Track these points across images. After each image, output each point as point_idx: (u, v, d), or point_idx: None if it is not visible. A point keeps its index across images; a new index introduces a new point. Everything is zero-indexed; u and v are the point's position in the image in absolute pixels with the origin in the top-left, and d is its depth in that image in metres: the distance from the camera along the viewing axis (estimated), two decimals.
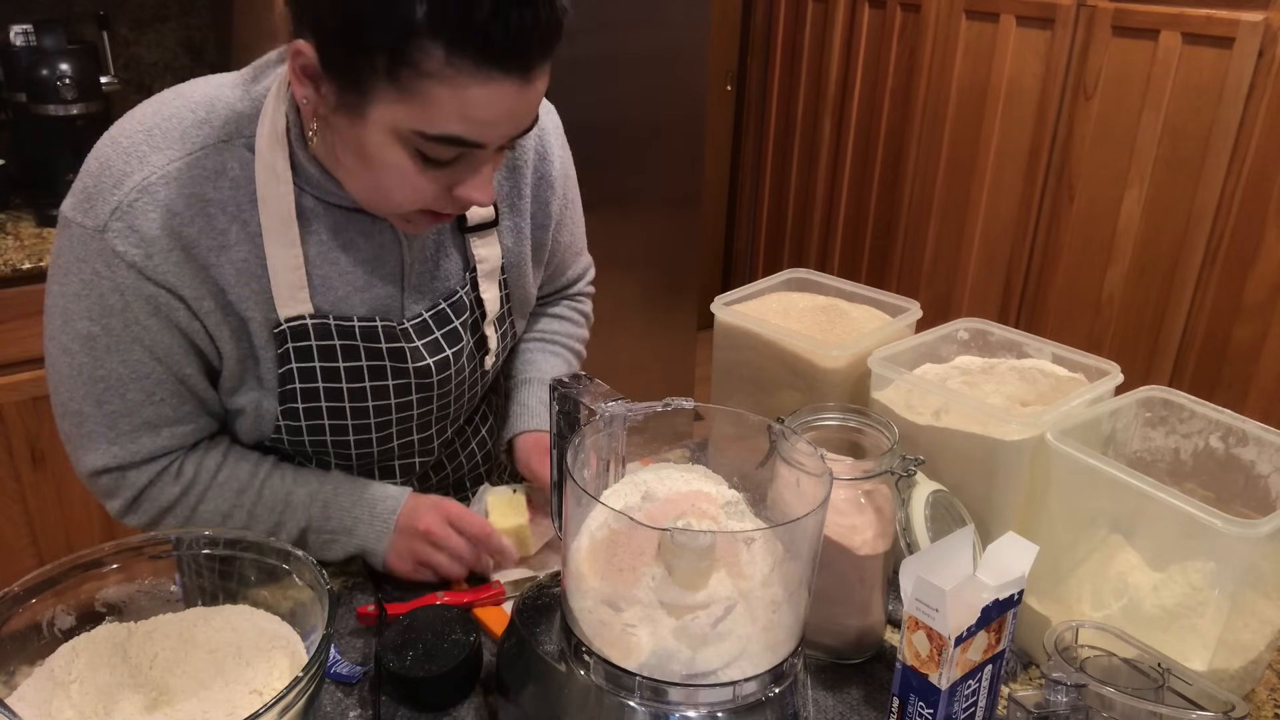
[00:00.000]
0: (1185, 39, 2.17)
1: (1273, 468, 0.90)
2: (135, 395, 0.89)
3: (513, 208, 1.04)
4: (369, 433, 0.99)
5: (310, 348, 0.92)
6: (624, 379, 2.79)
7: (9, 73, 2.02)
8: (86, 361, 0.88)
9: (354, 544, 0.99)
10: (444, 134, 0.76)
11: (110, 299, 0.85)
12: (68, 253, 0.86)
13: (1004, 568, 0.72)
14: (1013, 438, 0.92)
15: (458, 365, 1.01)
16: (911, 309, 1.15)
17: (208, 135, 0.86)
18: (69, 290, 0.86)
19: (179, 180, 0.85)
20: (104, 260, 0.84)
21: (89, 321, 0.86)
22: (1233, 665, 0.84)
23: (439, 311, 0.99)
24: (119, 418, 0.90)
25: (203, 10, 2.39)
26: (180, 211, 0.85)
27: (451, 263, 1.00)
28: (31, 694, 0.74)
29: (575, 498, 0.73)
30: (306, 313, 0.91)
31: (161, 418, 0.91)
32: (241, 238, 0.87)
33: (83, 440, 0.91)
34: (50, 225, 1.99)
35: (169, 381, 0.90)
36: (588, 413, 0.80)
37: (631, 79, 2.59)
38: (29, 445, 1.91)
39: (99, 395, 0.89)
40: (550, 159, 1.07)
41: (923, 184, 2.88)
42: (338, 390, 0.95)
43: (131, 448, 0.91)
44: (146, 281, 0.85)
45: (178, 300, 0.87)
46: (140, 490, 0.93)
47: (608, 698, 0.70)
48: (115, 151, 0.85)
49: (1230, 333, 2.22)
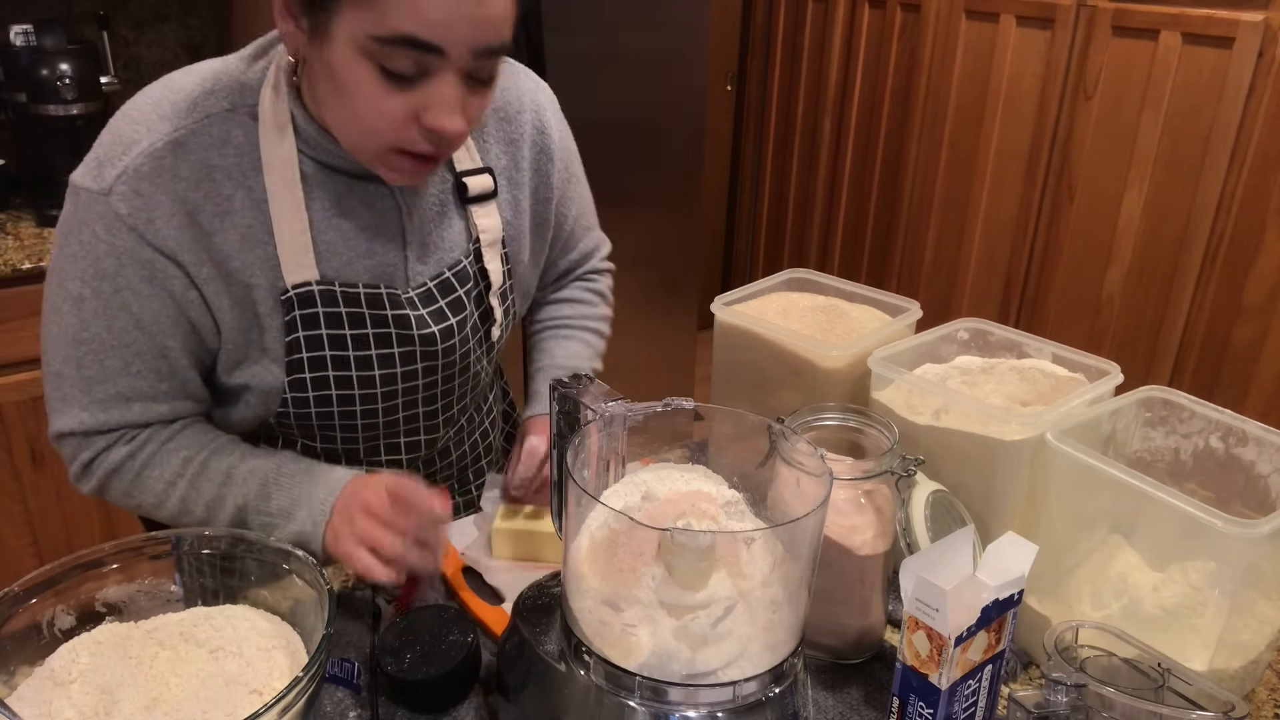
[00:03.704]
0: (1185, 39, 2.17)
1: (1273, 468, 0.90)
2: (113, 362, 0.90)
3: (511, 180, 1.05)
4: (375, 403, 0.99)
5: (317, 315, 0.93)
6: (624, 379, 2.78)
7: (9, 73, 2.02)
8: (73, 323, 0.89)
9: (291, 529, 0.92)
10: (397, 33, 0.76)
11: (105, 262, 0.86)
12: (71, 216, 0.88)
13: (1004, 568, 0.72)
14: (1013, 438, 0.92)
15: (462, 335, 1.02)
16: (911, 309, 1.15)
17: (213, 104, 0.88)
18: (67, 251, 0.88)
19: (185, 147, 0.87)
20: (105, 223, 0.85)
21: (81, 283, 0.87)
22: (1233, 665, 0.84)
23: (443, 280, 1.00)
24: (94, 383, 0.90)
25: (203, 10, 2.39)
26: (186, 177, 0.86)
27: (454, 232, 1.01)
28: (31, 694, 0.74)
29: (575, 498, 0.73)
30: (313, 279, 0.92)
31: (135, 390, 0.92)
32: (246, 204, 0.89)
33: (58, 402, 0.92)
34: (50, 225, 1.99)
35: (149, 354, 0.90)
36: (588, 413, 0.80)
37: (631, 79, 2.59)
38: (29, 445, 1.91)
39: (79, 358, 0.90)
40: (548, 132, 1.08)
41: (923, 184, 2.88)
42: (344, 358, 0.95)
43: (101, 415, 0.92)
44: (145, 246, 0.86)
45: (175, 267, 0.88)
46: (94, 456, 0.94)
47: (608, 698, 0.70)
48: (125, 122, 0.88)
49: (1230, 333, 2.22)
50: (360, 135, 0.85)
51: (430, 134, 0.83)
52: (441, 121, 0.82)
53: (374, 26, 0.76)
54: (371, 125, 0.83)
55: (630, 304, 2.83)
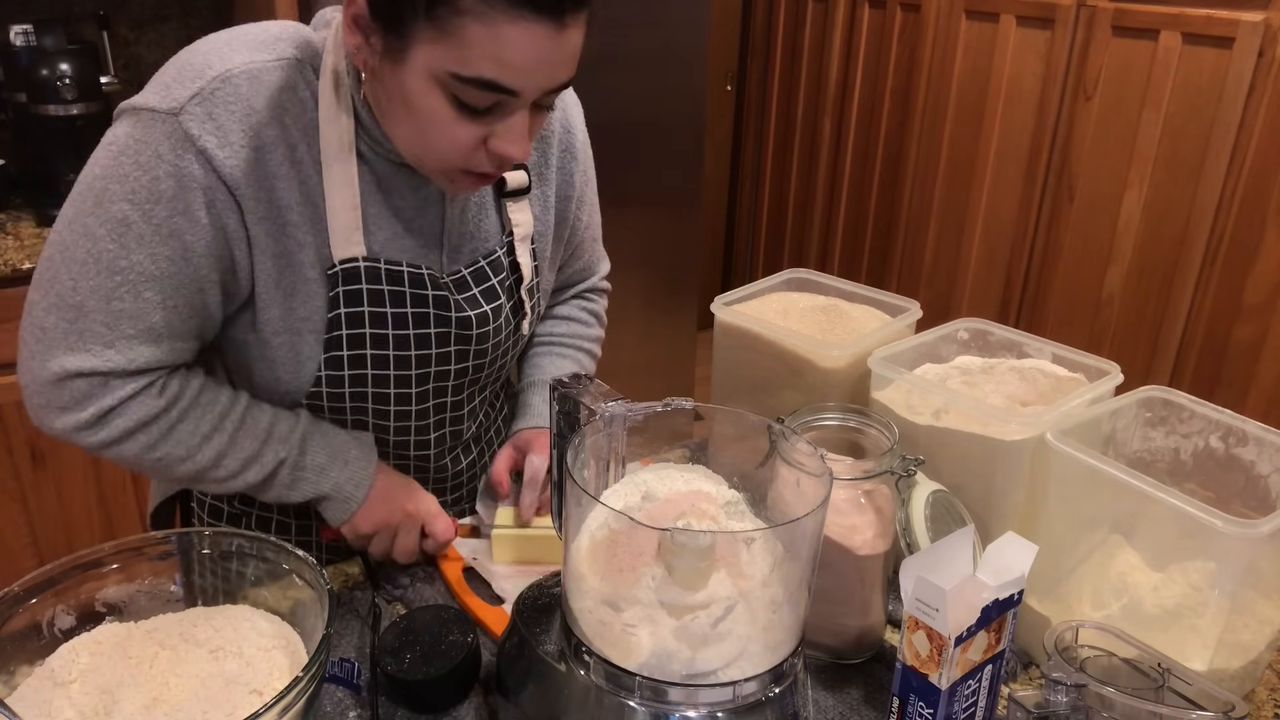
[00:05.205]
0: (1185, 39, 2.17)
1: (1273, 468, 0.90)
2: (151, 295, 0.84)
3: (540, 177, 1.06)
4: (409, 386, 0.99)
5: (360, 291, 0.92)
6: (624, 379, 2.78)
7: (9, 73, 2.02)
8: (111, 248, 0.82)
9: (327, 484, 0.96)
10: (478, 76, 0.77)
11: (164, 184, 0.81)
12: (125, 136, 0.82)
13: (1004, 568, 0.72)
14: (1013, 438, 0.92)
15: (495, 324, 1.02)
16: (911, 309, 1.15)
17: (285, 50, 0.87)
18: (116, 172, 0.81)
19: (261, 81, 0.84)
20: (171, 143, 0.81)
21: (130, 205, 0.81)
22: (1233, 665, 0.84)
23: (478, 269, 1.00)
24: (124, 318, 0.84)
25: (203, 10, 2.39)
26: (259, 111, 0.84)
27: (490, 225, 1.02)
28: (31, 694, 0.74)
29: (575, 498, 0.72)
30: (360, 255, 0.91)
31: (169, 328, 0.86)
32: (308, 160, 0.87)
33: (73, 338, 0.84)
34: (49, 225, 1.98)
35: (188, 289, 0.85)
36: (588, 413, 0.80)
37: (631, 79, 2.59)
38: (29, 445, 1.91)
39: (111, 289, 0.83)
40: (574, 131, 1.09)
41: (923, 184, 2.88)
42: (384, 337, 0.94)
43: (129, 354, 0.85)
44: (211, 173, 0.82)
45: (234, 203, 0.84)
46: (121, 401, 0.86)
47: (608, 698, 0.70)
48: (193, 55, 0.85)
49: (1230, 333, 2.22)
50: (425, 154, 0.85)
51: (496, 158, 0.84)
52: (510, 149, 0.83)
53: (455, 65, 0.77)
54: (441, 151, 0.83)
55: (630, 304, 2.84)
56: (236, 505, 1.10)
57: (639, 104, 2.64)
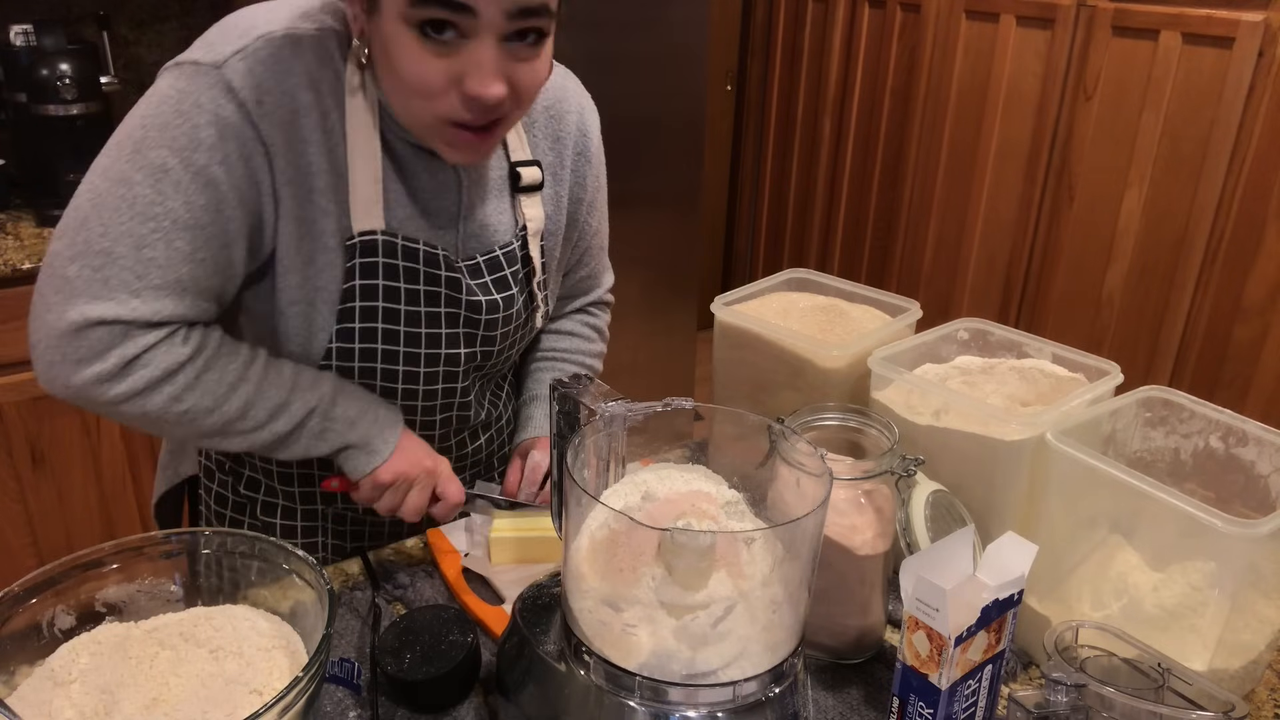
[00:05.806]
0: (1185, 39, 2.17)
1: (1273, 468, 0.90)
2: (182, 245, 0.84)
3: (555, 176, 1.07)
4: (417, 365, 0.99)
5: (377, 265, 0.93)
6: (624, 379, 2.79)
7: (9, 73, 2.02)
8: (147, 193, 0.82)
9: (355, 435, 0.96)
10: None
11: (205, 132, 0.82)
12: (168, 88, 0.84)
13: (1004, 568, 0.72)
14: (1013, 438, 0.92)
15: (506, 314, 1.03)
16: (911, 309, 1.15)
17: (326, 20, 0.89)
18: (156, 120, 0.83)
19: (301, 45, 0.86)
20: (213, 93, 0.82)
21: (169, 152, 0.82)
22: (1233, 665, 0.84)
23: (492, 258, 1.01)
24: (154, 267, 0.83)
25: (203, 10, 2.39)
26: (298, 74, 0.85)
27: (505, 217, 1.03)
28: (31, 694, 0.74)
29: (575, 498, 0.72)
30: (379, 228, 0.92)
31: (194, 282, 0.86)
32: (338, 130, 0.89)
33: (98, 285, 0.82)
34: (50, 225, 1.99)
35: (216, 242, 0.86)
36: (588, 413, 0.80)
37: (631, 79, 2.59)
38: (29, 445, 1.91)
39: (143, 235, 0.82)
40: (589, 135, 1.10)
41: (923, 184, 2.88)
42: (395, 312, 0.95)
43: (154, 304, 0.84)
44: (249, 124, 0.83)
45: (267, 160, 0.85)
46: (143, 350, 0.85)
47: (608, 698, 0.70)
48: (238, 19, 0.87)
49: (1230, 333, 2.22)
50: (407, 103, 0.85)
51: (471, 101, 0.83)
52: (479, 88, 0.81)
53: None
54: (414, 89, 0.83)
55: (630, 304, 2.84)
56: (242, 493, 1.10)
57: (639, 104, 2.64)
